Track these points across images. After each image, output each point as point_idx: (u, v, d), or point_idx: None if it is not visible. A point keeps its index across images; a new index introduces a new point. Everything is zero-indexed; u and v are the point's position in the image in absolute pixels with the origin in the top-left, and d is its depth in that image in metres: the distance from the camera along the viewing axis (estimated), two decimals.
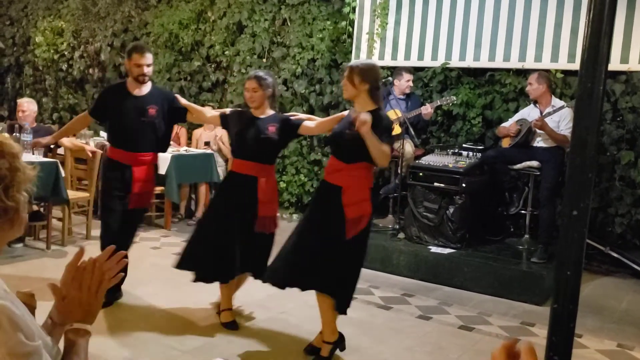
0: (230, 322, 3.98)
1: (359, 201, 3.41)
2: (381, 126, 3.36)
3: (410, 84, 6.16)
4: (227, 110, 4.22)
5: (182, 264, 3.94)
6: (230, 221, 3.85)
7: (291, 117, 4.00)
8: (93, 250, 1.50)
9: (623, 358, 3.84)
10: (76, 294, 1.44)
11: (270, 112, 3.96)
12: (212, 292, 4.71)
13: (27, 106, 6.18)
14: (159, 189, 6.60)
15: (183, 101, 4.36)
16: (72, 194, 5.89)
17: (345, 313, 3.55)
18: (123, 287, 4.34)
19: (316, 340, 3.64)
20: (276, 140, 3.88)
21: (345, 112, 3.78)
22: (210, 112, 4.41)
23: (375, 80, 3.44)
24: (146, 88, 4.27)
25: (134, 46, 4.40)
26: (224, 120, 4.09)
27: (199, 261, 3.89)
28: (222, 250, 3.83)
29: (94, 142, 7.34)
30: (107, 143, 7.10)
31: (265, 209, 3.86)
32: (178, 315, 4.17)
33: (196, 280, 3.93)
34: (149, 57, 4.21)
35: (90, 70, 9.61)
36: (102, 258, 1.47)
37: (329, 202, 3.45)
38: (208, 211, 4.20)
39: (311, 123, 3.96)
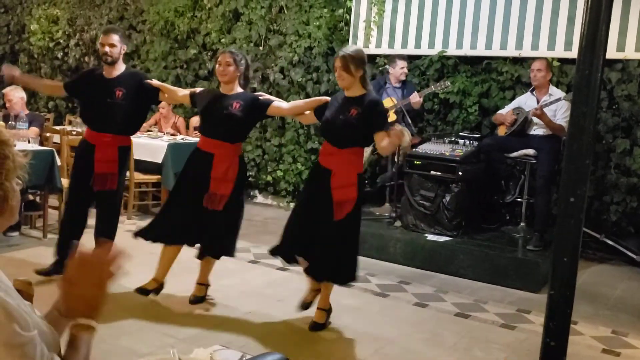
0: (148, 289, 4.06)
1: (346, 185, 3.57)
2: (377, 111, 3.57)
3: (405, 70, 6.13)
4: (197, 89, 4.25)
5: (143, 233, 4.05)
6: (184, 193, 3.96)
7: (260, 97, 4.00)
8: (90, 238, 1.48)
9: (617, 344, 3.87)
10: (81, 289, 1.40)
11: (239, 90, 3.97)
12: (210, 280, 4.71)
13: (13, 94, 6.11)
14: (155, 178, 6.61)
15: (155, 82, 4.38)
16: (67, 183, 5.87)
17: (346, 285, 3.96)
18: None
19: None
20: (240, 117, 3.87)
21: (327, 98, 3.88)
22: (182, 91, 4.36)
23: (365, 65, 3.60)
24: (117, 71, 4.34)
25: (103, 29, 4.64)
26: (193, 99, 4.12)
27: (153, 224, 4.02)
28: (172, 217, 3.96)
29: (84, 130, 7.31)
30: None
31: (216, 186, 3.86)
32: (175, 303, 4.17)
33: (137, 235, 4.05)
34: (112, 38, 4.28)
35: (86, 59, 9.55)
36: (104, 252, 1.43)
37: (319, 184, 3.66)
38: (174, 185, 4.31)
39: (283, 104, 4.00)
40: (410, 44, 6.78)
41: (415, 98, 5.83)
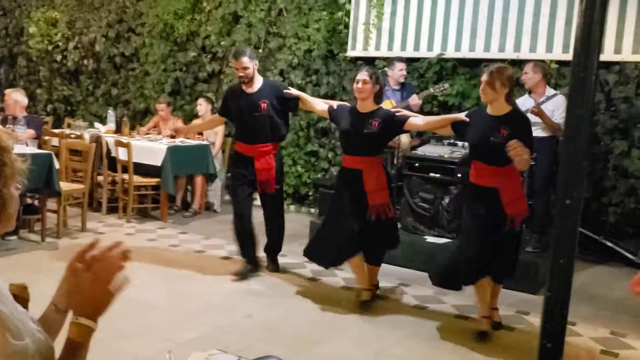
0: (366, 300, 4.33)
1: (517, 198, 3.75)
2: (524, 129, 3.66)
3: (404, 72, 6.14)
4: (335, 104, 4.45)
5: (308, 253, 4.42)
6: (343, 213, 4.19)
7: (396, 114, 4.16)
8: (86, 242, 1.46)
9: (616, 345, 3.88)
10: (92, 286, 1.35)
11: (375, 107, 4.15)
12: (208, 283, 4.73)
13: (9, 95, 6.08)
14: (154, 181, 6.62)
15: (294, 92, 4.74)
16: (66, 186, 5.89)
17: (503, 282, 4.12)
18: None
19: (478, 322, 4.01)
20: (378, 134, 4.09)
21: (461, 114, 4.01)
22: (320, 104, 4.62)
23: (511, 84, 3.68)
24: (257, 84, 4.68)
25: (233, 52, 5.10)
26: (332, 115, 4.37)
27: (319, 251, 4.35)
28: (336, 239, 4.20)
29: (88, 134, 7.33)
30: (101, 134, 7.17)
31: (374, 198, 4.09)
32: (174, 307, 4.18)
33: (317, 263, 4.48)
34: (243, 61, 4.58)
35: (85, 61, 9.56)
36: (111, 250, 1.39)
37: (486, 204, 3.74)
38: (329, 207, 4.57)
39: (418, 120, 4.21)
40: (409, 47, 6.80)
41: (415, 100, 5.84)
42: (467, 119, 3.86)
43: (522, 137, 3.54)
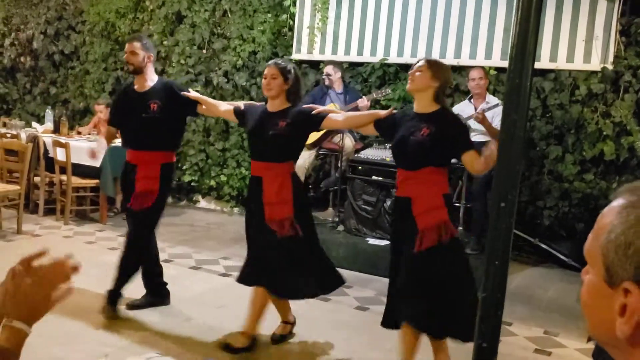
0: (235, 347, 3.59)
1: (430, 208, 3.11)
2: (456, 130, 3.16)
3: (331, 77, 6.13)
4: (242, 104, 3.87)
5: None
6: (248, 227, 3.67)
7: (313, 112, 3.55)
8: (25, 245, 1.41)
9: (549, 344, 4.02)
10: (34, 288, 1.29)
11: (286, 105, 3.58)
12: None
13: None
14: (93, 182, 6.45)
15: (193, 94, 4.06)
16: (1, 187, 5.68)
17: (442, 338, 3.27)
18: None
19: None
20: (286, 136, 3.49)
21: (383, 111, 3.48)
22: (224, 105, 4.02)
23: (445, 82, 3.24)
24: (150, 82, 4.08)
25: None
26: (239, 116, 3.79)
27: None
28: (248, 256, 3.68)
29: (25, 133, 7.09)
30: (38, 134, 6.92)
31: (271, 212, 3.48)
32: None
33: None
34: (132, 45, 4.02)
35: (22, 59, 9.23)
36: (59, 261, 1.33)
37: (402, 219, 3.23)
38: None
39: (338, 117, 3.60)
40: (353, 51, 6.87)
41: (363, 102, 5.86)
42: (392, 116, 3.43)
43: (448, 134, 3.13)
